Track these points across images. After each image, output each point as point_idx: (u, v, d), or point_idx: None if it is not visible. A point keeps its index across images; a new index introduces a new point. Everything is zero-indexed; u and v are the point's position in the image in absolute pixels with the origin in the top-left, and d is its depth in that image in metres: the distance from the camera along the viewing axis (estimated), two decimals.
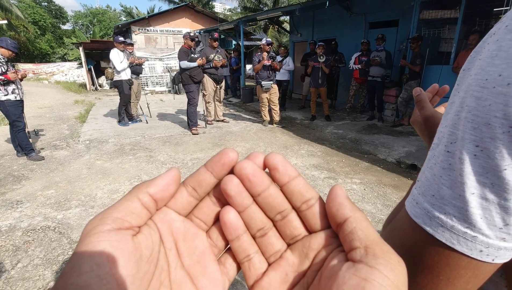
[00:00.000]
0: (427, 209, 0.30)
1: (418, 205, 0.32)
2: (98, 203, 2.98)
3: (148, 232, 0.19)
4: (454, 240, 0.29)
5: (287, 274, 0.21)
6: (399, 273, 0.17)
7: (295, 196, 0.21)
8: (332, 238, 0.20)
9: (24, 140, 4.13)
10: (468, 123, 0.27)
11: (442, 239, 0.29)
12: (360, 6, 7.28)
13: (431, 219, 0.30)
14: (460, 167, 0.28)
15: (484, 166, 0.26)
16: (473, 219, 0.27)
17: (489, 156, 0.26)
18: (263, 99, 5.95)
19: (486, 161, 0.26)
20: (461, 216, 0.28)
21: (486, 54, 0.27)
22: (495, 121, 0.25)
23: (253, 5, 20.16)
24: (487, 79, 0.26)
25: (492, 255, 0.28)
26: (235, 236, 0.21)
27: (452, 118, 0.30)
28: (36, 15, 29.23)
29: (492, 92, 0.26)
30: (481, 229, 0.27)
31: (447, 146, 0.30)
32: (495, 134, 0.25)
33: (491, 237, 0.27)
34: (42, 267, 2.09)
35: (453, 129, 0.29)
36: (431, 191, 0.30)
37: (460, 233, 0.28)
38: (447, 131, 0.30)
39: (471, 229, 0.28)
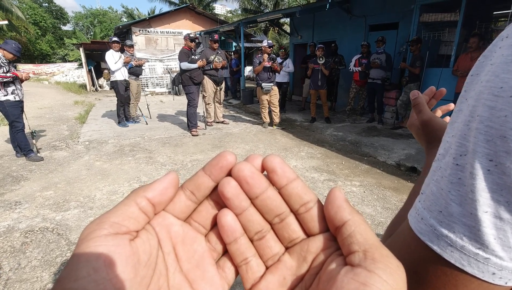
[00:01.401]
0: (434, 226, 0.29)
1: (423, 221, 0.30)
2: (97, 204, 2.98)
3: (146, 236, 0.19)
4: (465, 261, 0.27)
5: (285, 278, 0.21)
6: (398, 277, 0.17)
7: (293, 198, 0.21)
8: (330, 242, 0.20)
9: (23, 141, 4.12)
10: (480, 135, 0.25)
11: (451, 260, 0.27)
12: (361, 8, 7.30)
13: (439, 238, 0.28)
14: (472, 183, 0.26)
15: (499, 182, 0.24)
16: (486, 239, 0.25)
17: (504, 171, 0.24)
18: (263, 100, 5.96)
19: (501, 177, 0.24)
20: (473, 236, 0.26)
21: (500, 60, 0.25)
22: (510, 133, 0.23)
23: (253, 7, 20.22)
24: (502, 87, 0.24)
25: (506, 278, 0.26)
26: (233, 239, 0.21)
27: (461, 128, 0.28)
28: (36, 16, 29.28)
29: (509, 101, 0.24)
30: (494, 251, 0.25)
31: (456, 158, 0.27)
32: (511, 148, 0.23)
33: (505, 259, 0.25)
34: (40, 269, 2.08)
35: (463, 140, 0.27)
36: (438, 207, 0.28)
37: (472, 254, 0.26)
38: (455, 142, 0.28)
39: (483, 250, 0.26)
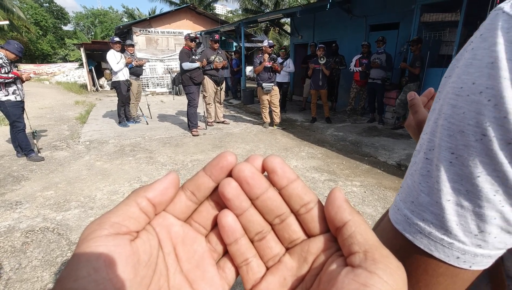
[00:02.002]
0: (407, 215, 0.31)
1: (399, 212, 0.32)
2: (97, 204, 2.98)
3: (146, 237, 0.19)
4: (432, 246, 0.29)
5: (286, 279, 0.21)
6: (398, 278, 0.17)
7: (294, 199, 0.21)
8: (331, 242, 0.20)
9: (24, 141, 4.13)
10: (444, 131, 0.28)
11: (421, 246, 0.30)
12: (361, 8, 7.30)
13: (411, 226, 0.30)
14: (437, 174, 0.28)
15: (459, 173, 0.27)
16: (449, 225, 0.28)
17: (463, 163, 0.26)
18: (264, 100, 5.96)
19: (461, 168, 0.26)
20: (438, 223, 0.28)
21: (462, 63, 0.28)
22: (468, 129, 0.26)
23: (254, 7, 20.22)
24: (462, 87, 0.27)
25: (469, 262, 0.28)
26: (233, 240, 0.21)
27: (431, 125, 0.30)
28: (37, 16, 29.34)
29: (466, 100, 0.26)
30: (457, 236, 0.28)
31: (426, 153, 0.30)
32: (468, 142, 0.26)
33: (467, 243, 0.28)
34: (41, 269, 2.09)
35: (432, 136, 0.30)
36: (411, 198, 0.31)
37: (438, 239, 0.29)
38: (426, 138, 0.30)
39: (447, 235, 0.28)
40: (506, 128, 0.24)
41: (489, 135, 0.25)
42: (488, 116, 0.25)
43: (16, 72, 3.87)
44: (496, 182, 0.25)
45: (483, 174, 0.25)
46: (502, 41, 0.25)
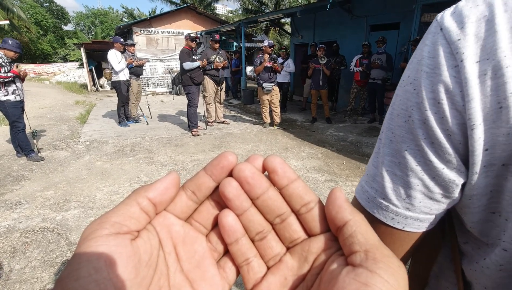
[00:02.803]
0: (362, 185, 0.38)
1: (360, 185, 0.39)
2: (97, 205, 2.98)
3: (147, 236, 0.19)
4: (375, 209, 0.36)
5: (286, 278, 0.21)
6: (399, 277, 0.17)
7: (294, 199, 0.21)
8: (331, 242, 0.20)
9: (24, 141, 4.13)
10: (388, 114, 0.35)
11: (367, 208, 0.36)
12: (361, 8, 7.30)
13: (363, 193, 0.38)
14: (382, 150, 0.35)
15: (395, 148, 0.33)
16: (386, 191, 0.34)
17: (397, 140, 0.33)
18: (264, 101, 5.96)
19: (396, 144, 0.33)
20: (380, 189, 0.35)
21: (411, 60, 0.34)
22: (401, 112, 0.32)
23: (254, 7, 20.22)
24: (404, 79, 0.33)
25: (402, 223, 0.34)
26: (234, 240, 0.21)
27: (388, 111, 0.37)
28: (38, 16, 29.35)
29: (403, 89, 0.33)
30: (391, 200, 0.34)
31: (380, 134, 0.37)
32: (401, 122, 0.32)
33: (399, 206, 0.34)
34: (40, 269, 2.09)
35: (385, 120, 0.36)
36: (367, 171, 0.38)
37: (378, 203, 0.35)
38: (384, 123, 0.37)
39: (385, 199, 0.34)
40: (422, 111, 0.30)
41: (412, 116, 0.31)
42: (412, 101, 0.31)
43: (14, 70, 3.84)
44: (417, 155, 0.31)
45: (409, 148, 0.32)
46: (429, 42, 0.31)
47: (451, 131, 0.29)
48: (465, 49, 0.28)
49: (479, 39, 0.27)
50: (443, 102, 0.29)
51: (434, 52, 0.29)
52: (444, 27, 0.29)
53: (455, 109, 0.29)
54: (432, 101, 0.29)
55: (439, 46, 0.29)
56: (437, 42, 0.29)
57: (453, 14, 0.30)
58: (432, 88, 0.29)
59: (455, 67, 0.28)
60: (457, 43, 0.28)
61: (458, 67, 0.28)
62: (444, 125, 0.29)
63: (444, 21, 0.30)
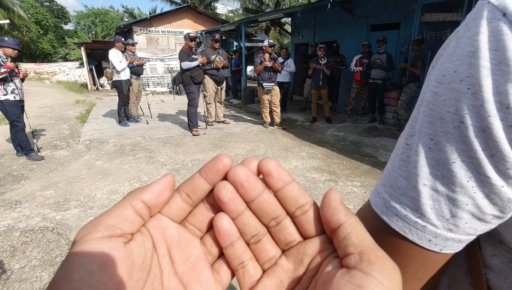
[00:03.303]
0: (385, 199, 0.32)
1: (378, 195, 0.33)
2: (97, 204, 2.98)
3: (141, 239, 0.19)
4: (406, 229, 0.30)
5: (282, 281, 0.21)
6: (394, 279, 0.17)
7: (289, 201, 0.21)
8: (326, 244, 0.20)
9: (23, 140, 4.13)
10: (425, 117, 0.29)
11: (396, 228, 0.31)
12: (362, 8, 7.29)
13: (388, 209, 0.31)
14: (416, 159, 0.29)
15: (437, 159, 0.28)
16: (424, 209, 0.29)
17: (441, 149, 0.27)
18: (264, 100, 5.96)
19: (438, 154, 0.27)
20: (414, 206, 0.29)
21: (447, 51, 0.29)
22: (447, 115, 0.27)
23: (254, 6, 20.22)
24: (444, 75, 0.28)
25: (440, 245, 0.29)
26: (229, 243, 0.21)
27: (414, 112, 0.31)
28: (38, 15, 29.37)
29: (447, 87, 0.27)
30: (430, 219, 0.29)
31: (406, 138, 0.31)
32: (447, 128, 0.27)
33: (439, 227, 0.28)
34: (40, 269, 2.09)
35: (413, 122, 0.30)
36: (390, 182, 0.32)
37: (412, 222, 0.29)
38: (408, 125, 0.32)
39: (421, 219, 0.29)
40: (482, 116, 0.25)
41: (466, 123, 0.25)
42: (466, 104, 0.25)
43: (10, 65, 3.75)
44: (469, 168, 0.26)
45: (458, 160, 0.26)
46: (485, 30, 0.25)
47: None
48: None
49: None
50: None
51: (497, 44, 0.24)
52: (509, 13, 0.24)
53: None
54: (498, 105, 0.24)
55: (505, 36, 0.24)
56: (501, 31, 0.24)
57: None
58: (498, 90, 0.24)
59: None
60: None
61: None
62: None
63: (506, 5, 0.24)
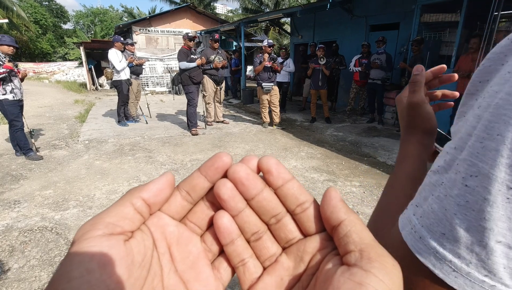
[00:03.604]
0: (436, 249, 0.27)
1: (422, 241, 0.28)
2: (96, 204, 2.98)
3: (141, 237, 0.19)
4: (469, 287, 0.26)
5: (282, 278, 0.21)
6: (394, 276, 0.17)
7: (290, 199, 0.21)
8: (327, 241, 0.20)
9: (22, 140, 4.12)
10: (502, 159, 0.23)
11: (454, 285, 0.26)
12: (362, 8, 7.30)
13: (441, 262, 0.27)
14: (487, 210, 0.24)
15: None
16: (495, 268, 0.24)
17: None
18: (264, 100, 5.96)
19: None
20: (480, 264, 0.25)
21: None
22: None
23: (254, 6, 20.23)
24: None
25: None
26: (229, 241, 0.21)
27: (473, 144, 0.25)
28: (37, 14, 29.32)
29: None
30: (502, 279, 0.24)
31: (465, 178, 0.25)
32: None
33: (510, 286, 0.24)
34: (39, 268, 2.08)
35: (475, 159, 0.24)
36: (441, 229, 0.27)
37: (477, 281, 0.25)
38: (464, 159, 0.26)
39: (490, 278, 0.25)
40: None
41: None
42: None
43: (9, 65, 3.75)
44: None
45: None
46: None
47: None
48: None
49: None
50: None
51: None
52: None
53: None
54: None
55: None
56: None
57: None
58: None
59: None
60: None
61: None
62: None
63: None
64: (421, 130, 0.50)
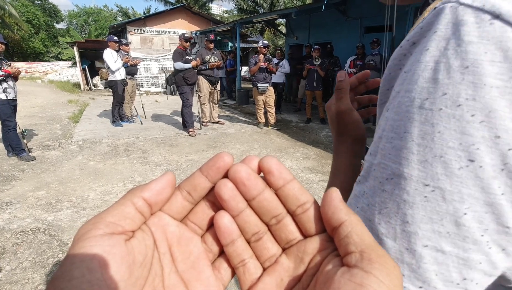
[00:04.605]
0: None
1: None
2: (90, 205, 2.95)
3: (141, 236, 0.19)
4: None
5: (282, 279, 0.21)
6: (394, 278, 0.17)
7: (290, 199, 0.21)
8: (327, 242, 0.20)
9: (14, 140, 4.06)
10: (412, 156, 0.22)
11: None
12: (356, 10, 7.36)
13: None
14: (408, 213, 0.23)
15: (439, 211, 0.21)
16: (428, 276, 0.23)
17: (444, 197, 0.21)
18: (259, 101, 5.96)
19: (440, 204, 0.21)
20: (413, 274, 0.23)
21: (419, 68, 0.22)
22: (449, 153, 0.20)
23: (249, 7, 20.24)
24: (428, 98, 0.21)
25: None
26: (230, 241, 0.21)
27: (384, 146, 0.24)
28: (29, 14, 28.92)
29: (440, 115, 0.20)
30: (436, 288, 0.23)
31: (382, 183, 0.23)
32: (451, 170, 0.20)
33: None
34: (31, 270, 2.05)
35: (388, 161, 0.23)
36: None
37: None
38: (378, 163, 0.24)
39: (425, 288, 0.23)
40: (500, 150, 0.19)
41: (478, 161, 0.20)
42: (474, 135, 0.19)
43: (8, 69, 3.77)
44: (485, 219, 0.20)
45: (471, 210, 0.20)
46: (476, 39, 0.20)
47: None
48: None
49: None
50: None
51: (503, 55, 0.19)
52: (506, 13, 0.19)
53: None
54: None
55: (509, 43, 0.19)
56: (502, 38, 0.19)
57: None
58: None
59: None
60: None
61: None
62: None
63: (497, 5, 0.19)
64: (351, 138, 0.50)
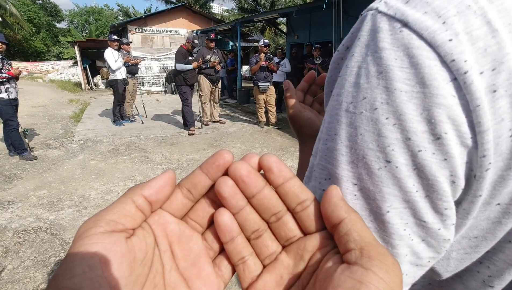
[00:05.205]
0: None
1: None
2: (91, 204, 2.95)
3: (142, 234, 0.19)
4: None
5: (282, 277, 0.21)
6: (394, 275, 0.17)
7: (290, 197, 0.21)
8: (327, 240, 0.20)
9: (17, 139, 4.07)
10: (342, 157, 0.22)
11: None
12: (357, 9, 7.34)
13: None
14: None
15: (367, 208, 0.22)
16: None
17: (369, 196, 0.22)
18: (260, 100, 5.96)
19: (368, 202, 0.22)
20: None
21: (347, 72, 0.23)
22: (369, 154, 0.21)
23: (250, 6, 20.20)
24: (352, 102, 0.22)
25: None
26: (230, 238, 0.21)
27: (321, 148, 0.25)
28: (31, 13, 28.95)
29: (362, 118, 0.21)
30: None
31: (321, 183, 0.24)
32: (372, 170, 0.21)
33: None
34: (33, 269, 2.06)
35: (324, 162, 0.24)
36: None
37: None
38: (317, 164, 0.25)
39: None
40: (412, 152, 0.20)
41: (394, 161, 0.20)
42: (389, 137, 0.20)
43: (11, 72, 3.78)
44: (405, 215, 0.21)
45: (393, 208, 0.21)
46: (388, 45, 0.20)
47: (457, 176, 0.20)
48: (463, 54, 0.19)
49: (475, 40, 0.19)
50: (446, 136, 0.19)
51: (409, 60, 0.19)
52: (412, 22, 0.19)
53: (462, 144, 0.20)
54: (427, 136, 0.20)
55: (414, 50, 0.19)
56: (409, 45, 0.19)
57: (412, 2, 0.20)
58: (423, 116, 0.19)
59: (453, 82, 0.19)
60: (449, 46, 0.19)
61: (458, 82, 0.19)
62: (448, 170, 0.20)
63: (406, 14, 0.20)
64: (308, 136, 0.53)
